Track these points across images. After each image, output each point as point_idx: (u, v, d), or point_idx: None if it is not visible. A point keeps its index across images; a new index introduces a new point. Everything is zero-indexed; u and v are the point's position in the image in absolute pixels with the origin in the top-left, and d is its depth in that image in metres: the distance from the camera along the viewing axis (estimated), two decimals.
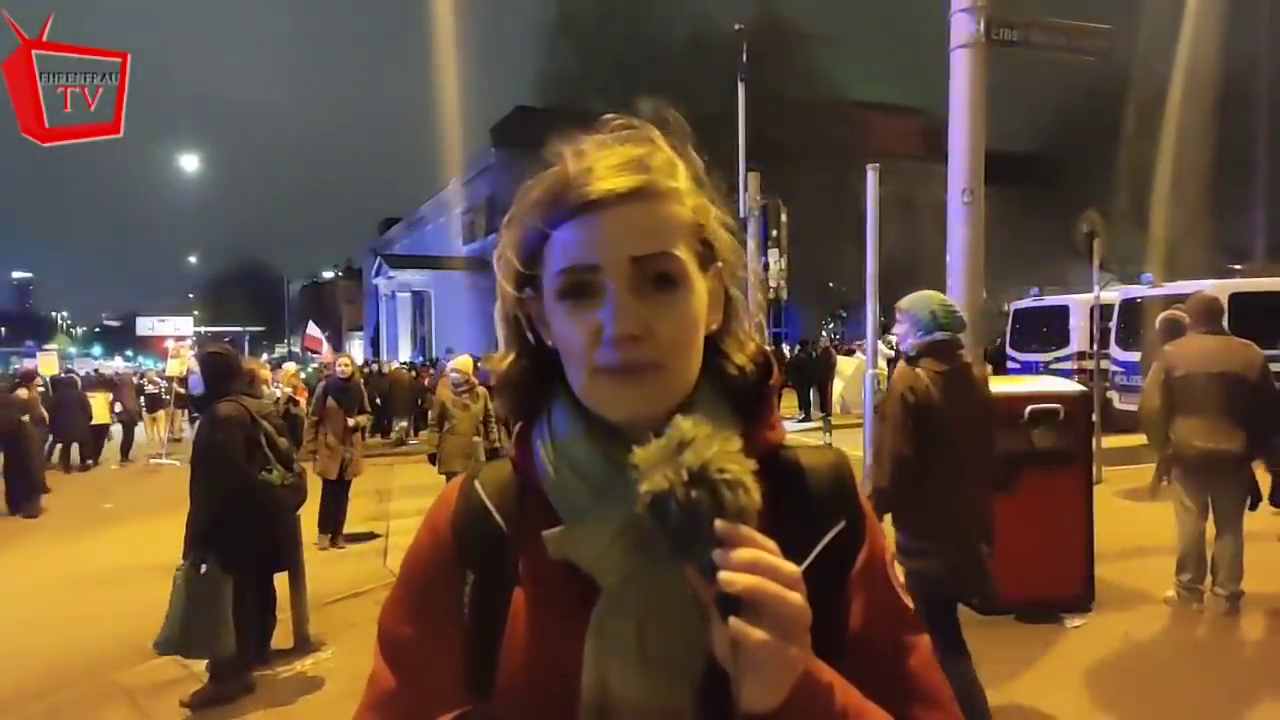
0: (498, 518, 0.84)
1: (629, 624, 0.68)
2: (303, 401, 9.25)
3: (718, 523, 0.64)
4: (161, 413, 17.62)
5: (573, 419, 0.80)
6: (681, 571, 0.67)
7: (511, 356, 0.86)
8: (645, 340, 0.75)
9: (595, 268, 0.76)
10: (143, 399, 19.05)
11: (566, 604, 0.75)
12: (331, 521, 8.19)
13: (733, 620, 0.63)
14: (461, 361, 8.31)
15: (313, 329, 17.80)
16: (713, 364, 0.83)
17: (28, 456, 10.51)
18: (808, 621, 0.65)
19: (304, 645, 5.26)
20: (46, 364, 16.65)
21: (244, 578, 4.51)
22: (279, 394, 8.74)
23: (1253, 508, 5.08)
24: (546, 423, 0.82)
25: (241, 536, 4.48)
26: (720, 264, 0.83)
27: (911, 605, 0.87)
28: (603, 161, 0.78)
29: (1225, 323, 5.32)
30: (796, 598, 0.64)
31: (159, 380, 19.83)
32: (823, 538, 0.81)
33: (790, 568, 0.65)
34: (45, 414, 12.79)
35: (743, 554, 0.64)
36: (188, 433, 16.61)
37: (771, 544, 0.66)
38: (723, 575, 0.63)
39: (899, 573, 0.89)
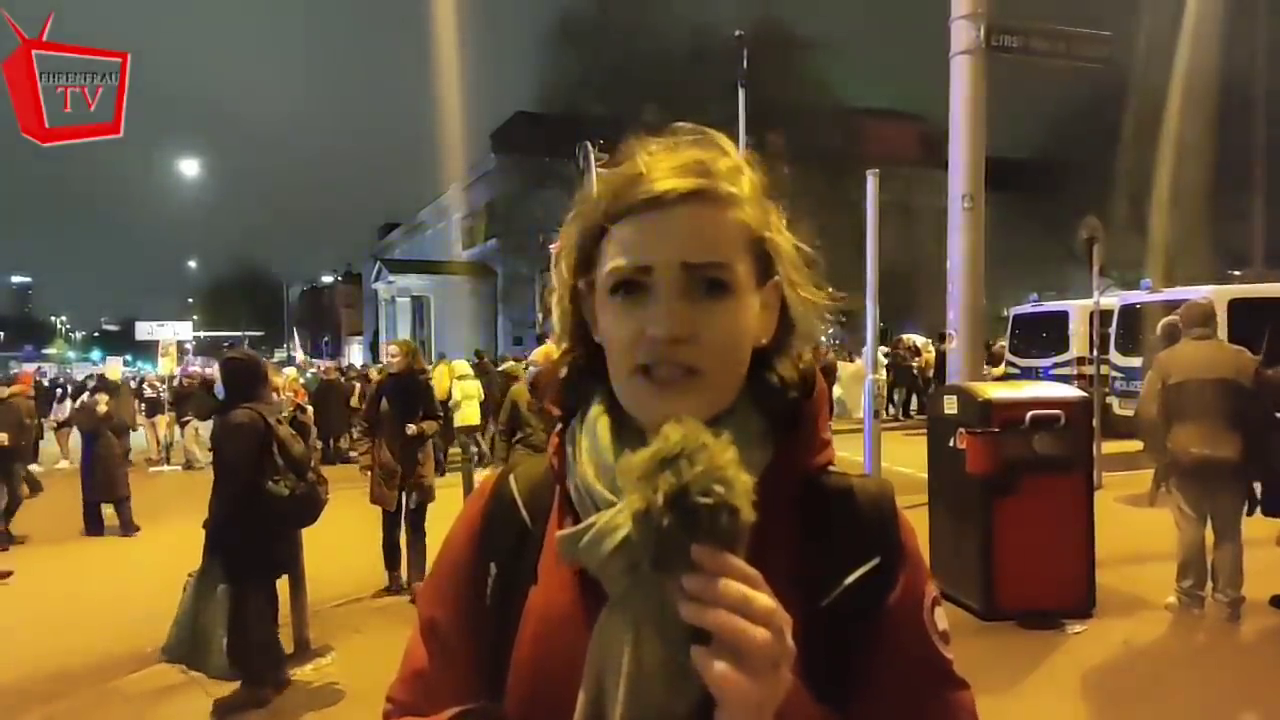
0: (524, 514, 0.85)
1: (628, 635, 0.67)
2: (310, 410, 9.17)
3: (693, 548, 0.61)
4: (160, 417, 17.57)
5: (608, 419, 0.80)
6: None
7: (564, 348, 0.86)
8: (687, 344, 0.74)
9: (647, 268, 0.76)
10: (141, 404, 19.01)
11: (576, 608, 0.75)
12: (396, 555, 6.47)
13: (694, 651, 0.61)
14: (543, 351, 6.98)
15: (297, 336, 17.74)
16: (757, 378, 0.81)
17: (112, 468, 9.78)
18: (779, 658, 0.62)
19: (305, 650, 5.26)
20: (112, 370, 16.52)
21: (252, 586, 4.49)
22: (283, 400, 8.63)
23: (1250, 513, 5.10)
24: (580, 422, 0.82)
25: (247, 545, 4.46)
26: (778, 278, 0.81)
27: (952, 658, 0.81)
28: (666, 162, 0.78)
29: (1225, 329, 5.34)
30: (763, 635, 0.60)
31: (158, 384, 19.79)
32: (852, 572, 0.78)
33: (764, 602, 0.61)
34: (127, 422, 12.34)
35: (713, 585, 0.61)
36: (178, 435, 16.52)
37: (752, 573, 0.63)
38: (684, 607, 0.61)
39: (940, 620, 0.81)
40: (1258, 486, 5.12)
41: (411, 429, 6.34)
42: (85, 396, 12.26)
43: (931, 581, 0.84)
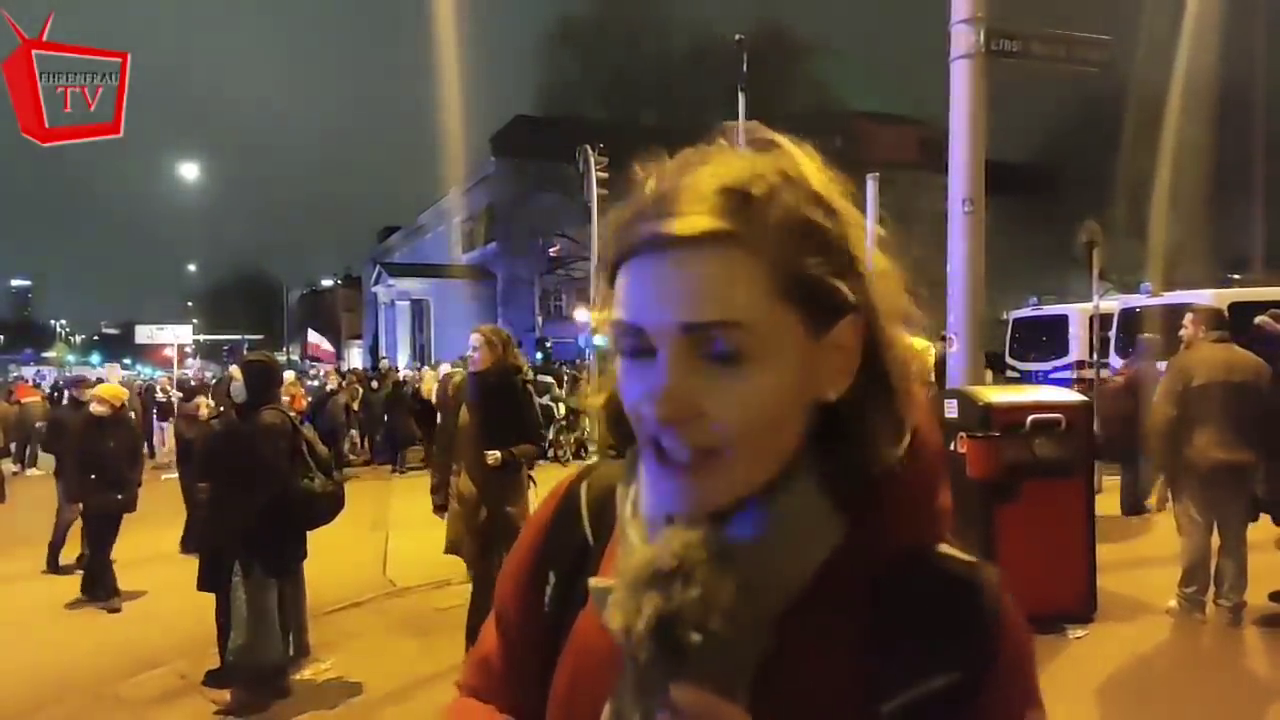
0: (587, 528, 0.78)
1: (637, 713, 0.60)
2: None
3: (672, 689, 0.54)
4: (171, 422, 17.55)
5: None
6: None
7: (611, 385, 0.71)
8: (694, 422, 0.61)
9: (640, 330, 0.62)
10: (154, 408, 18.96)
11: (607, 653, 0.64)
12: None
13: None
14: None
15: (314, 336, 17.74)
16: (824, 445, 0.66)
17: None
18: None
19: (303, 655, 5.24)
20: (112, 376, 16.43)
21: (277, 582, 4.60)
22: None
23: (1254, 519, 5.09)
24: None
25: (277, 543, 4.56)
26: (851, 317, 0.64)
27: None
28: (688, 187, 0.63)
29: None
30: None
31: (170, 389, 19.76)
32: (921, 684, 0.61)
33: None
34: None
35: None
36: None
37: (739, 715, 0.55)
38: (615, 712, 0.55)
39: None
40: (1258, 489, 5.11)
41: (493, 457, 4.56)
42: (179, 400, 12.01)
43: (1039, 711, 0.66)
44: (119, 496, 6.63)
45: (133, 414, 9.23)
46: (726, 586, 0.54)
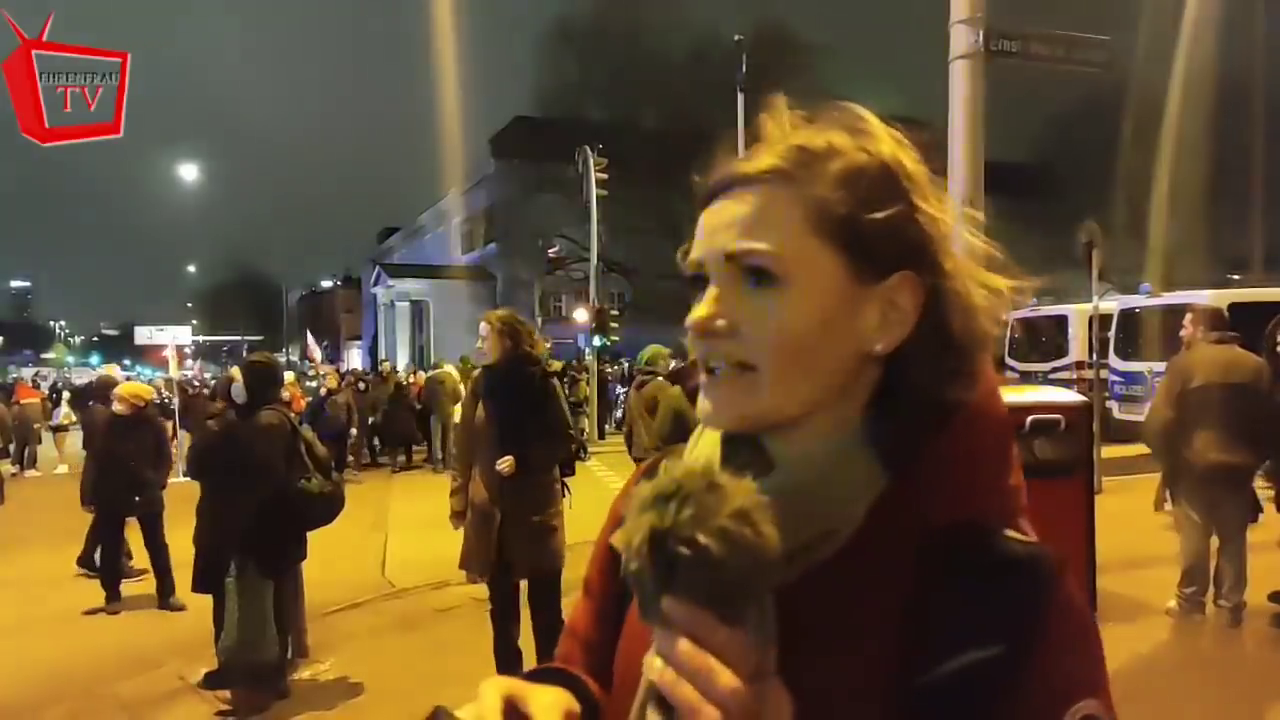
0: None
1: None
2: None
3: (664, 600, 0.55)
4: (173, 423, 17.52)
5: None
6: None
7: None
8: (730, 338, 0.67)
9: (700, 263, 0.70)
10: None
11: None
12: (516, 664, 4.20)
13: (649, 711, 0.56)
14: (652, 351, 6.64)
15: (310, 339, 17.75)
16: (878, 396, 0.68)
17: None
18: None
19: (302, 655, 5.24)
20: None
21: (277, 582, 4.60)
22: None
23: (1254, 519, 5.08)
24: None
25: (277, 542, 4.56)
26: (905, 273, 0.67)
27: None
28: (766, 143, 0.71)
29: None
30: (712, 715, 0.52)
31: (167, 390, 19.74)
32: (962, 655, 0.60)
33: (728, 680, 0.53)
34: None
35: (678, 646, 0.54)
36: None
37: (729, 641, 0.54)
38: (645, 659, 0.57)
39: None
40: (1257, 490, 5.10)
41: (504, 465, 4.09)
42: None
43: (1088, 690, 0.63)
44: (135, 498, 6.51)
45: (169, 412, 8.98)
46: (723, 508, 0.55)
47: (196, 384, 17.16)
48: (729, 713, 0.52)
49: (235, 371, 4.88)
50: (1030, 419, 5.10)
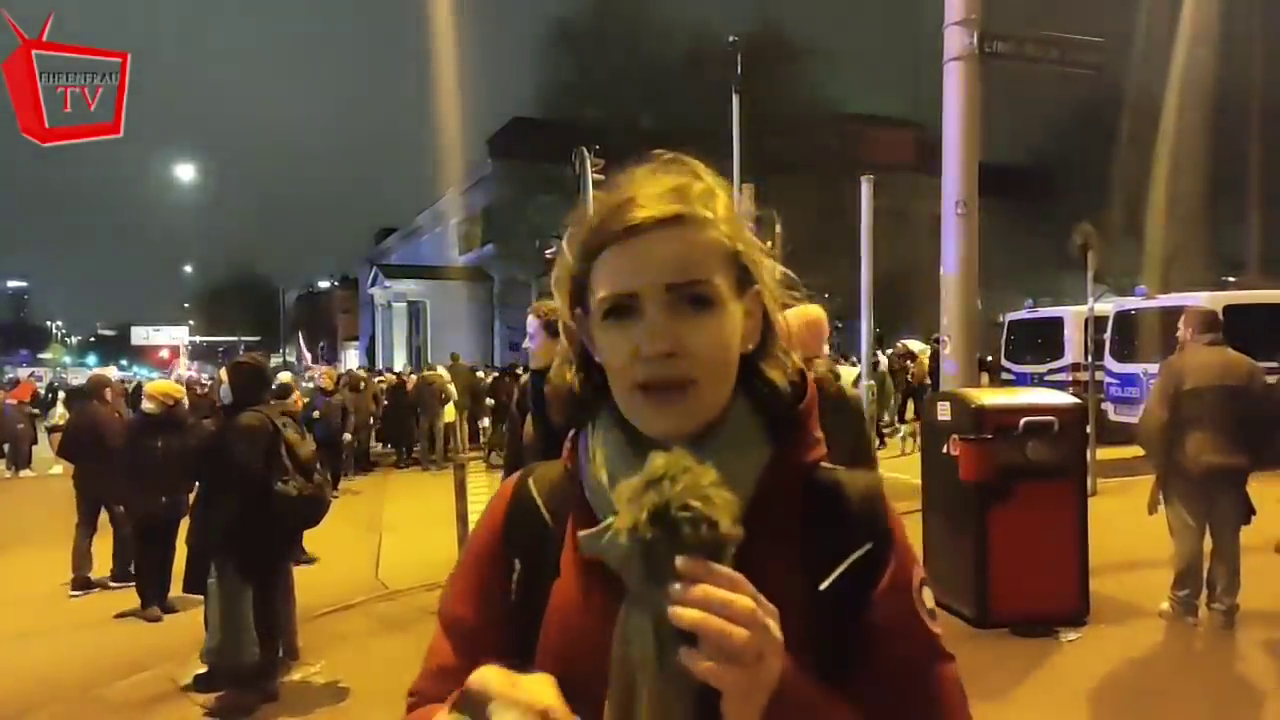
0: (545, 514, 0.93)
1: (648, 626, 0.71)
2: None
3: (678, 559, 0.67)
4: None
5: (616, 430, 0.87)
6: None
7: (570, 369, 0.93)
8: (678, 357, 0.81)
9: (633, 294, 0.82)
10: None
11: (598, 600, 0.81)
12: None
13: (682, 651, 0.67)
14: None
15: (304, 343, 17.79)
16: (748, 384, 0.88)
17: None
18: (763, 650, 0.68)
19: (293, 658, 5.22)
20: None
21: (261, 584, 4.58)
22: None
23: (1246, 522, 5.07)
24: (592, 432, 0.89)
25: (258, 544, 4.53)
26: (758, 287, 0.87)
27: (939, 632, 0.88)
28: (645, 190, 0.85)
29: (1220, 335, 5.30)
30: (742, 633, 0.66)
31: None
32: (847, 558, 0.85)
33: (745, 603, 0.68)
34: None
35: (695, 590, 0.67)
36: None
37: (735, 577, 0.69)
38: (671, 610, 0.67)
39: (928, 598, 0.89)
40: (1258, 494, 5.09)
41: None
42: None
43: (919, 565, 0.90)
44: (163, 499, 6.21)
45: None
46: (706, 479, 0.70)
47: (207, 382, 17.16)
48: (754, 626, 0.67)
49: (223, 373, 4.87)
50: (1024, 421, 5.10)
